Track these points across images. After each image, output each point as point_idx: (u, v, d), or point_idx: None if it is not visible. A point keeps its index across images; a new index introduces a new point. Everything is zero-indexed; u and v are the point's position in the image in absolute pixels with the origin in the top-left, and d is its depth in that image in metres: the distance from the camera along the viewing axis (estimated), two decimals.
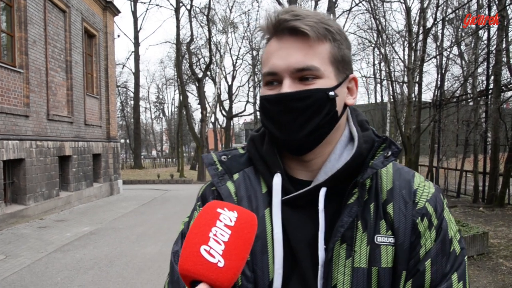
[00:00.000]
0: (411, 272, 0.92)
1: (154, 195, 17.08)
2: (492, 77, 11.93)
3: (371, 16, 17.52)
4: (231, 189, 1.02)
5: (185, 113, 30.41)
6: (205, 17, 29.98)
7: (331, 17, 0.99)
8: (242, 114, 43.12)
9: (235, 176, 1.04)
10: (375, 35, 20.65)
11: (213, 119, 41.62)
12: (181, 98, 33.47)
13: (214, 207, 0.78)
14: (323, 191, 0.94)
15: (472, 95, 14.42)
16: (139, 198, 16.24)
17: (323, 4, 55.87)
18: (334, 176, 0.94)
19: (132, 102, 41.99)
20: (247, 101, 44.53)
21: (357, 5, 20.59)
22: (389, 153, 0.97)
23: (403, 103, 19.54)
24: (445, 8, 16.42)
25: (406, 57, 16.69)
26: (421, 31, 15.34)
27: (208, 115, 29.27)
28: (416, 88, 15.98)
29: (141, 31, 59.90)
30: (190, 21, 28.87)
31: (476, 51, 14.25)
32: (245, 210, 0.80)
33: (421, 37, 15.28)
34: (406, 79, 15.61)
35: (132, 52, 38.18)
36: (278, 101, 0.94)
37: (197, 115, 50.44)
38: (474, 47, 14.67)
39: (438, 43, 18.00)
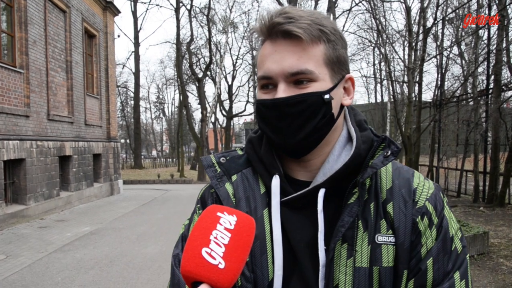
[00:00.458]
0: (413, 271, 0.92)
1: (155, 195, 17.09)
2: (493, 77, 11.93)
3: (371, 16, 17.53)
4: (229, 190, 1.02)
5: (185, 113, 30.43)
6: (205, 17, 30.01)
7: (330, 16, 1.00)
8: (242, 114, 43.10)
9: (234, 177, 1.04)
10: (375, 34, 20.66)
11: (213, 119, 41.63)
12: (181, 98, 33.48)
13: (214, 211, 0.80)
14: (321, 192, 0.94)
15: (472, 95, 14.42)
16: (139, 198, 16.25)
17: (323, 4, 55.89)
18: (332, 177, 0.95)
19: (132, 102, 41.99)
20: (247, 101, 44.51)
21: (357, 4, 20.63)
22: (389, 152, 0.96)
23: (403, 102, 19.54)
24: (445, 7, 16.42)
25: (406, 56, 16.70)
26: (421, 31, 15.34)
27: (208, 115, 29.27)
28: (416, 88, 15.99)
29: (141, 31, 59.95)
30: (190, 21, 28.91)
31: (476, 50, 14.25)
32: (244, 214, 0.82)
33: (421, 36, 15.27)
34: (406, 78, 15.61)
35: (132, 52, 38.19)
36: (273, 106, 0.94)
37: (197, 115, 50.51)
38: (474, 47, 14.67)
39: (438, 43, 18.00)
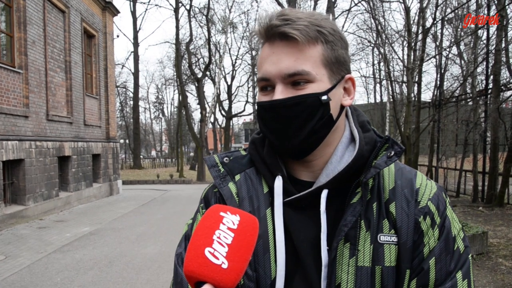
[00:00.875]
0: (415, 271, 0.93)
1: (154, 195, 17.08)
2: (492, 77, 11.94)
3: (371, 16, 17.54)
4: (232, 190, 1.03)
5: (184, 113, 30.42)
6: (204, 17, 30.03)
7: (329, 17, 0.99)
8: (242, 114, 43.09)
9: (237, 177, 1.05)
10: (375, 35, 20.69)
11: (212, 119, 41.65)
12: (180, 98, 33.47)
13: (217, 211, 0.80)
14: (324, 193, 0.95)
15: (471, 95, 14.43)
16: (139, 198, 16.24)
17: (323, 4, 55.88)
18: (335, 178, 0.95)
19: (132, 102, 42.02)
20: (247, 101, 44.50)
21: (356, 5, 20.66)
22: (392, 153, 0.96)
23: (402, 103, 19.54)
24: (444, 8, 16.43)
25: (406, 57, 16.72)
26: (420, 31, 15.35)
27: (207, 115, 29.27)
28: (416, 88, 15.99)
29: (140, 31, 59.89)
30: (190, 21, 28.89)
31: (475, 50, 14.26)
32: (248, 214, 0.82)
33: (420, 36, 15.29)
34: (405, 79, 15.63)
35: (132, 52, 38.20)
36: (271, 108, 0.94)
37: (196, 115, 50.43)
38: (473, 47, 14.69)
39: (438, 43, 18.01)
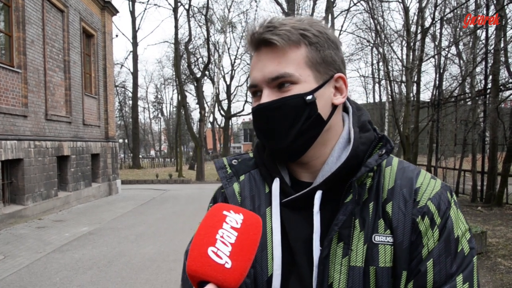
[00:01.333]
0: (412, 272, 0.91)
1: (153, 195, 17.08)
2: (490, 77, 11.95)
3: (370, 16, 17.55)
4: (236, 189, 1.06)
5: (183, 113, 30.39)
6: (203, 16, 30.02)
7: (320, 21, 1.00)
8: (241, 114, 43.10)
9: (242, 177, 1.08)
10: (374, 34, 20.67)
11: (211, 119, 41.66)
12: (179, 98, 33.43)
13: (220, 210, 0.80)
14: (318, 194, 0.95)
15: (470, 95, 14.44)
16: (138, 198, 16.23)
17: (322, 4, 55.81)
18: (329, 178, 0.96)
19: (131, 102, 42.03)
20: (246, 101, 44.49)
21: (355, 4, 20.67)
22: (383, 151, 0.97)
23: (401, 102, 19.57)
24: (443, 7, 16.45)
25: (405, 56, 16.74)
26: (419, 31, 15.35)
27: (206, 114, 29.26)
28: (415, 88, 15.99)
29: (139, 31, 59.89)
30: (189, 21, 28.87)
31: (474, 50, 14.26)
32: (251, 213, 0.82)
33: (419, 36, 15.29)
34: (404, 78, 15.65)
35: (130, 52, 38.21)
36: (259, 111, 0.97)
37: (195, 115, 50.45)
38: (472, 47, 14.69)
39: (436, 43, 18.00)
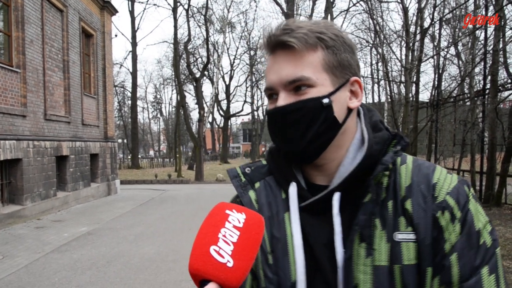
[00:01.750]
0: (437, 268, 0.91)
1: (152, 195, 17.07)
2: (489, 77, 11.96)
3: (369, 16, 17.55)
4: (252, 197, 1.06)
5: (182, 113, 30.38)
6: (202, 16, 30.05)
7: (334, 24, 1.00)
8: (240, 114, 43.20)
9: (257, 184, 1.08)
10: (373, 35, 20.68)
11: (210, 119, 41.69)
12: (178, 98, 33.44)
13: (223, 209, 0.80)
14: (336, 196, 0.95)
15: (469, 95, 14.44)
16: (137, 198, 16.23)
17: (321, 4, 55.85)
18: (346, 180, 0.96)
19: (130, 102, 42.01)
20: (245, 101, 44.56)
21: (354, 5, 20.67)
22: (398, 147, 0.98)
23: (400, 103, 19.56)
24: (442, 8, 16.47)
25: (404, 57, 16.73)
26: (418, 31, 15.36)
27: (205, 115, 29.25)
28: (414, 88, 15.99)
29: (138, 30, 59.89)
30: (188, 21, 28.87)
31: (473, 51, 14.27)
32: (253, 212, 0.82)
33: (418, 37, 15.30)
34: (403, 79, 15.64)
35: (130, 51, 38.20)
36: (275, 115, 0.97)
37: (194, 115, 50.50)
38: (471, 47, 14.70)
39: (436, 43, 18.03)
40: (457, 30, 17.44)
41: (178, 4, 28.29)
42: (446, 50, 17.26)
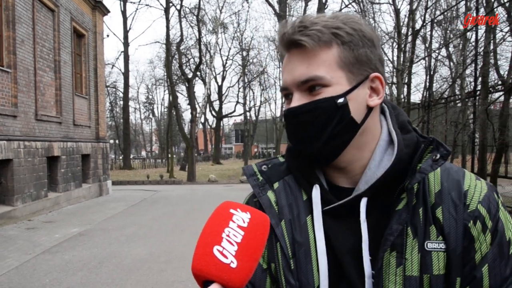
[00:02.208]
0: (467, 279, 0.88)
1: (144, 196, 17.00)
2: (480, 79, 12.05)
3: (361, 18, 17.61)
4: (271, 198, 1.01)
5: (174, 113, 30.32)
6: (195, 17, 29.99)
7: (356, 16, 0.96)
8: (232, 114, 43.16)
9: (275, 185, 1.03)
10: None
11: (203, 120, 41.62)
12: (170, 99, 33.38)
13: (227, 208, 0.78)
14: (364, 202, 0.91)
15: (460, 96, 14.55)
16: (129, 199, 16.15)
17: (313, 6, 56.00)
18: (374, 185, 0.92)
19: (122, 103, 41.84)
20: (237, 102, 44.54)
21: (346, 6, 20.66)
22: (438, 156, 0.90)
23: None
24: (433, 10, 16.57)
25: (395, 58, 16.81)
26: (410, 33, 15.45)
27: (198, 115, 29.21)
28: (405, 89, 16.08)
29: (130, 31, 59.68)
30: (180, 21, 28.84)
31: (464, 52, 14.39)
32: (258, 212, 0.79)
33: (410, 38, 15.39)
34: (395, 80, 15.71)
35: (122, 52, 38.13)
36: (288, 115, 0.94)
37: (187, 116, 50.41)
38: (462, 49, 14.83)
39: (427, 45, 18.12)
40: (448, 31, 17.56)
41: (170, 4, 28.25)
42: (437, 51, 17.37)
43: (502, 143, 11.12)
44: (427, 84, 16.71)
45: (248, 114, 48.29)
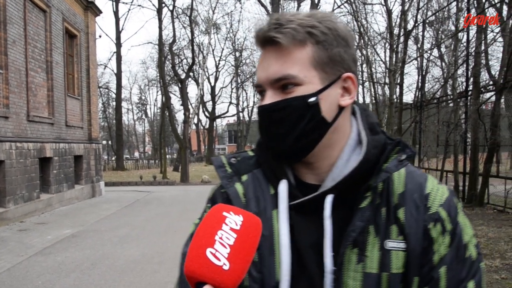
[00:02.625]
0: (425, 279, 0.90)
1: (137, 197, 16.96)
2: (472, 79, 12.14)
3: (353, 18, 17.68)
4: (239, 190, 1.01)
5: (167, 114, 30.26)
6: (187, 18, 29.91)
7: (331, 15, 0.96)
8: (225, 115, 43.15)
9: (244, 177, 1.03)
10: (357, 36, 20.82)
11: (196, 120, 41.54)
12: (163, 99, 33.30)
13: (220, 211, 0.79)
14: (329, 198, 0.93)
15: (452, 97, 14.65)
16: (122, 200, 16.10)
17: (306, 6, 56.07)
18: (340, 183, 0.93)
19: (114, 103, 41.64)
20: (230, 102, 44.55)
21: (339, 7, 20.72)
22: (403, 156, 0.94)
23: (384, 104, 19.73)
24: (425, 10, 16.68)
25: (388, 58, 16.88)
26: (402, 33, 15.53)
27: (191, 116, 29.16)
28: (398, 90, 16.17)
29: (123, 31, 59.36)
30: (173, 22, 28.79)
31: (456, 53, 14.47)
32: (251, 214, 0.80)
33: (402, 39, 15.47)
34: (387, 80, 15.77)
35: (114, 52, 37.92)
36: (261, 112, 0.95)
37: (180, 116, 50.30)
38: (454, 49, 14.90)
39: (419, 45, 18.27)
40: (440, 32, 17.67)
41: (163, 5, 28.19)
42: (429, 52, 17.49)
43: (494, 143, 11.20)
44: (419, 84, 16.84)
45: (241, 114, 48.34)
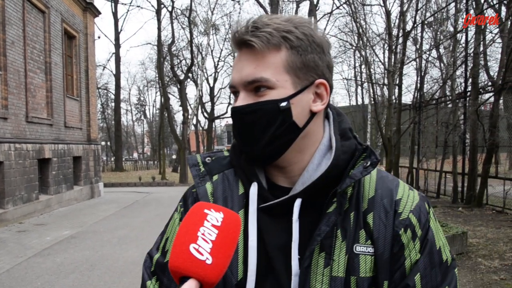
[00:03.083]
0: (398, 286, 0.92)
1: (136, 198, 16.95)
2: (470, 80, 12.16)
3: (352, 19, 17.71)
4: (208, 189, 1.02)
5: (166, 115, 30.27)
6: (186, 18, 29.93)
7: (308, 21, 0.96)
8: (224, 116, 43.04)
9: (215, 177, 1.04)
10: (356, 37, 20.86)
11: (194, 121, 41.46)
12: (162, 100, 33.31)
13: (201, 208, 0.81)
14: (298, 202, 0.93)
15: (451, 97, 14.66)
16: (120, 201, 16.09)
17: (305, 7, 56.09)
18: (309, 187, 0.94)
19: (113, 104, 41.59)
20: (229, 103, 44.38)
21: (338, 8, 20.77)
22: (368, 163, 0.94)
23: (383, 105, 19.75)
24: (424, 11, 16.68)
25: (386, 59, 16.93)
26: (401, 34, 15.56)
27: (189, 117, 29.16)
28: (396, 90, 16.18)
29: (122, 32, 59.42)
30: (172, 23, 28.82)
31: (454, 54, 14.49)
32: (231, 212, 0.82)
33: (401, 40, 15.49)
34: (386, 81, 15.81)
35: (113, 53, 37.86)
36: (233, 114, 0.96)
37: (178, 117, 50.21)
38: (452, 50, 14.92)
39: (418, 46, 18.26)
40: (438, 33, 17.68)
41: (162, 6, 28.21)
42: (428, 53, 17.50)
43: (493, 144, 11.21)
44: (418, 85, 16.84)
45: None
